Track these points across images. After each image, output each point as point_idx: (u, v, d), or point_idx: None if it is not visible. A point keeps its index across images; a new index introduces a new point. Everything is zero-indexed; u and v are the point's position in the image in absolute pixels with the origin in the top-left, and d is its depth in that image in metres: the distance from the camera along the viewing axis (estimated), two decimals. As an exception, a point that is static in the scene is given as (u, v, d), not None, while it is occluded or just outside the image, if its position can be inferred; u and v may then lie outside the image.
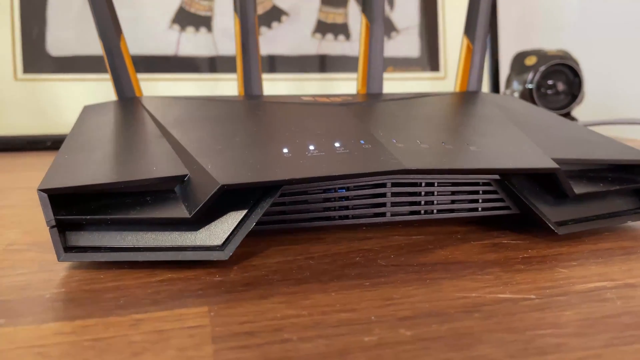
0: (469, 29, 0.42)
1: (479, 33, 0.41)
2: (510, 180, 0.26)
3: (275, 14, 0.65)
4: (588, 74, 0.69)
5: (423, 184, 0.26)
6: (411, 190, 0.26)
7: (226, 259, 0.22)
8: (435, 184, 0.26)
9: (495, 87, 0.71)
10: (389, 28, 0.68)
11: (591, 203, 0.27)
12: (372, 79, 0.40)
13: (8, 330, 0.17)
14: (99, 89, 0.59)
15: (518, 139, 0.29)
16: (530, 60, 0.65)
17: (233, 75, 0.62)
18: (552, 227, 0.25)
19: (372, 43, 0.40)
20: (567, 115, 0.66)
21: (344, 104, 0.33)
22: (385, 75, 0.68)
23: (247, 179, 0.22)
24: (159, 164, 0.25)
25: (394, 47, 0.68)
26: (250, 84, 0.39)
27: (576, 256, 0.24)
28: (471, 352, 0.16)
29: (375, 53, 0.40)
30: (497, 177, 0.26)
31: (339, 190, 0.25)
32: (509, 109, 0.35)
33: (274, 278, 0.22)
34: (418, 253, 0.24)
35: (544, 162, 0.26)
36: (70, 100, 0.58)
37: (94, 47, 0.60)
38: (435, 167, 0.24)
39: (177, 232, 0.23)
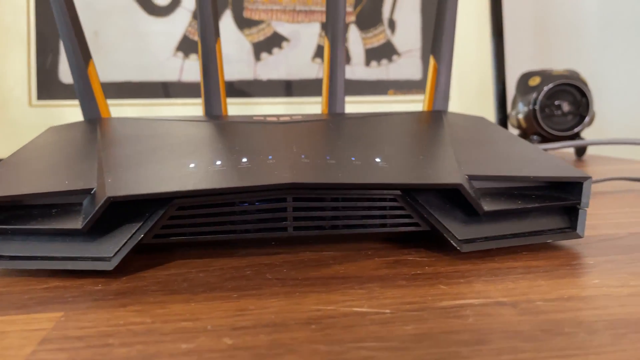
0: (435, 50, 0.41)
1: (444, 54, 0.41)
2: (412, 196, 0.25)
3: (276, 40, 0.66)
4: (612, 94, 0.66)
5: (329, 199, 0.26)
6: (315, 206, 0.25)
7: (111, 269, 0.23)
8: (340, 199, 0.26)
9: (502, 110, 0.69)
10: (391, 51, 0.68)
11: (508, 221, 0.26)
12: (333, 99, 0.41)
13: None
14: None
15: (439, 157, 0.28)
16: (534, 81, 0.63)
17: (231, 99, 0.64)
18: (455, 244, 0.24)
19: (333, 65, 0.40)
20: (576, 136, 0.63)
21: (284, 123, 0.33)
22: (386, 98, 0.68)
23: (133, 191, 0.23)
24: (75, 179, 0.26)
25: (395, 70, 0.68)
26: (210, 104, 0.40)
27: (470, 274, 0.23)
28: (267, 361, 0.15)
29: (336, 74, 0.40)
30: (399, 192, 0.25)
31: (240, 205, 0.25)
32: (459, 128, 0.35)
33: (151, 289, 0.22)
34: (313, 268, 0.24)
35: (450, 178, 0.25)
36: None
37: (102, 75, 0.63)
38: (324, 181, 0.24)
39: (73, 243, 0.24)
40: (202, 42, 0.39)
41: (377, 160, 0.27)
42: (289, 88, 0.66)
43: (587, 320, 0.18)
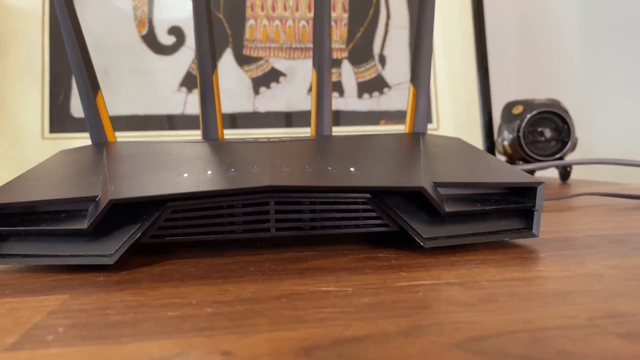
0: (414, 77, 0.45)
1: (422, 81, 0.44)
2: (382, 200, 0.28)
3: (273, 75, 0.71)
4: (595, 122, 0.69)
5: (308, 203, 0.29)
6: (295, 209, 0.28)
7: (111, 263, 0.26)
8: (317, 203, 0.29)
9: (489, 138, 0.73)
10: (382, 84, 0.72)
11: (470, 222, 0.29)
12: (320, 123, 0.44)
13: None
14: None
15: (408, 166, 0.31)
16: (517, 110, 0.66)
17: (232, 131, 0.68)
18: (418, 240, 0.27)
19: (320, 92, 0.44)
20: (560, 160, 0.66)
21: (272, 142, 0.37)
22: (378, 128, 0.71)
23: (132, 194, 0.26)
24: (82, 189, 0.29)
25: (386, 102, 0.72)
26: (208, 129, 0.43)
27: (430, 265, 0.26)
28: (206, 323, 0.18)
29: (322, 101, 0.44)
30: (368, 195, 0.28)
31: (226, 207, 0.28)
32: (433, 146, 0.38)
33: (146, 279, 0.25)
34: (292, 263, 0.27)
35: (414, 182, 0.28)
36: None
37: (110, 109, 0.67)
38: (299, 184, 0.27)
39: (79, 243, 0.27)
40: (201, 73, 0.43)
41: (351, 169, 0.30)
42: (286, 119, 0.70)
43: (521, 293, 0.21)
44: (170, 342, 0.17)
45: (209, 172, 0.29)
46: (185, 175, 0.29)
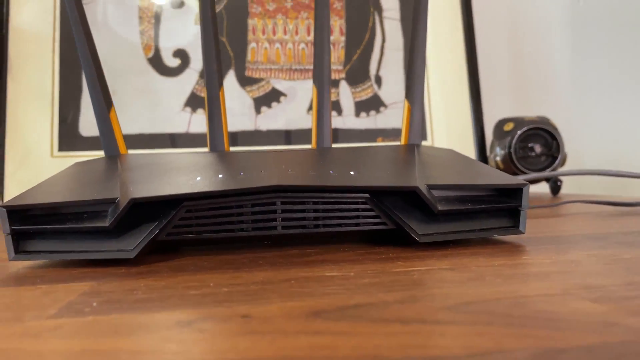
0: (408, 93, 0.48)
1: (416, 96, 0.47)
2: (380, 200, 0.31)
3: (274, 95, 0.74)
4: (584, 138, 0.72)
5: (311, 203, 0.31)
6: (300, 208, 0.31)
7: (132, 257, 0.28)
8: (320, 203, 0.31)
9: (482, 154, 0.76)
10: (378, 103, 0.75)
11: (462, 221, 0.32)
12: (320, 136, 0.47)
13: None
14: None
15: (404, 171, 0.34)
16: (508, 127, 0.69)
17: (235, 148, 0.70)
18: (414, 236, 0.30)
19: (320, 107, 0.47)
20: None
21: (277, 152, 0.39)
22: (375, 144, 0.74)
23: (151, 194, 0.29)
24: (101, 192, 0.32)
25: (383, 120, 0.75)
26: (215, 141, 0.46)
27: (425, 256, 0.28)
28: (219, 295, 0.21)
29: (323, 114, 0.47)
30: (367, 195, 0.31)
31: (236, 207, 0.30)
32: (427, 155, 0.40)
33: (165, 270, 0.27)
34: (297, 257, 0.29)
35: (409, 182, 0.31)
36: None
37: (117, 128, 0.70)
38: (303, 184, 0.29)
39: (101, 240, 0.29)
40: (208, 90, 0.46)
41: (351, 172, 0.32)
42: (286, 137, 0.72)
43: (506, 274, 0.23)
44: (195, 310, 0.19)
45: (220, 176, 0.32)
46: (198, 178, 0.31)
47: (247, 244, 0.34)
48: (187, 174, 0.33)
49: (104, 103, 0.45)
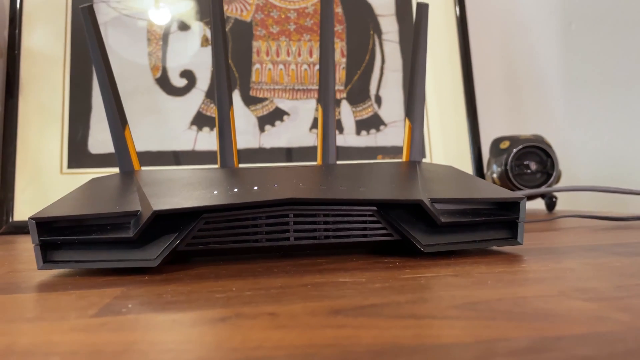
0: (409, 112, 0.50)
1: (417, 115, 0.49)
2: (386, 212, 0.33)
3: (278, 114, 0.76)
4: (579, 157, 0.74)
5: (321, 215, 0.33)
6: (311, 220, 0.33)
7: (155, 265, 0.30)
8: (330, 215, 0.33)
9: (479, 172, 0.78)
10: (378, 122, 0.78)
11: (463, 232, 0.34)
12: (326, 152, 0.49)
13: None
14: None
15: (409, 185, 0.36)
16: (504, 145, 0.72)
17: (239, 165, 0.72)
18: (418, 246, 0.32)
19: (325, 126, 0.49)
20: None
21: (286, 168, 0.41)
22: (376, 161, 0.76)
23: (172, 206, 0.31)
24: (123, 205, 0.34)
25: (383, 138, 0.77)
26: (225, 158, 0.48)
27: (429, 265, 0.30)
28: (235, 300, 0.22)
29: (328, 132, 0.49)
30: (374, 208, 0.33)
31: (252, 219, 0.32)
32: (429, 171, 0.42)
33: (186, 278, 0.29)
34: (310, 266, 0.31)
35: (413, 196, 0.33)
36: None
37: (125, 145, 0.72)
38: (315, 197, 0.31)
39: (125, 250, 0.31)
40: (219, 109, 0.48)
41: (360, 188, 0.34)
42: (289, 155, 0.75)
43: (506, 279, 0.25)
44: (224, 309, 0.21)
45: (235, 190, 0.34)
46: (215, 192, 0.33)
47: (259, 254, 0.36)
48: (204, 188, 0.35)
49: (119, 121, 0.47)
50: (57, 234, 0.31)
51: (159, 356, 0.15)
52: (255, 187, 0.34)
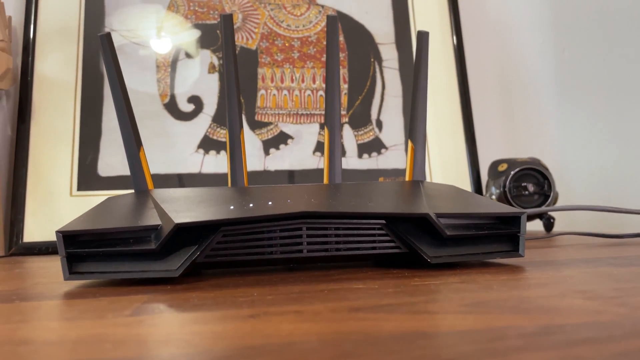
0: (412, 134, 0.52)
1: (419, 137, 0.51)
2: (395, 226, 0.34)
3: (282, 138, 0.78)
4: (575, 178, 0.76)
5: (333, 229, 0.35)
6: (323, 233, 0.35)
7: (177, 275, 0.31)
8: (341, 229, 0.35)
9: (478, 192, 0.80)
10: (379, 146, 0.80)
11: (467, 245, 0.35)
12: (332, 172, 0.51)
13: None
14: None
15: (415, 201, 0.38)
16: (502, 167, 0.74)
17: (245, 188, 0.74)
18: (425, 257, 0.33)
19: (331, 147, 0.51)
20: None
21: (297, 186, 0.43)
22: (379, 182, 0.78)
23: (193, 219, 0.32)
24: (144, 220, 0.35)
25: (384, 161, 0.79)
26: (235, 177, 0.50)
27: (437, 274, 0.32)
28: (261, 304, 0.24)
29: (334, 153, 0.51)
30: (383, 222, 0.34)
31: (267, 232, 0.34)
32: (432, 190, 0.44)
33: (207, 287, 0.30)
34: (322, 277, 0.33)
35: (420, 210, 0.34)
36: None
37: (134, 168, 0.73)
38: (327, 210, 0.33)
39: (147, 262, 0.33)
40: (230, 132, 0.50)
41: (369, 203, 0.36)
42: (292, 177, 0.76)
43: (510, 285, 0.27)
44: (250, 309, 0.22)
45: (251, 205, 0.35)
46: (232, 207, 0.35)
47: (273, 267, 0.38)
48: (220, 204, 0.37)
49: (134, 143, 0.49)
50: (81, 247, 0.33)
51: (202, 342, 0.17)
52: (270, 202, 0.36)
